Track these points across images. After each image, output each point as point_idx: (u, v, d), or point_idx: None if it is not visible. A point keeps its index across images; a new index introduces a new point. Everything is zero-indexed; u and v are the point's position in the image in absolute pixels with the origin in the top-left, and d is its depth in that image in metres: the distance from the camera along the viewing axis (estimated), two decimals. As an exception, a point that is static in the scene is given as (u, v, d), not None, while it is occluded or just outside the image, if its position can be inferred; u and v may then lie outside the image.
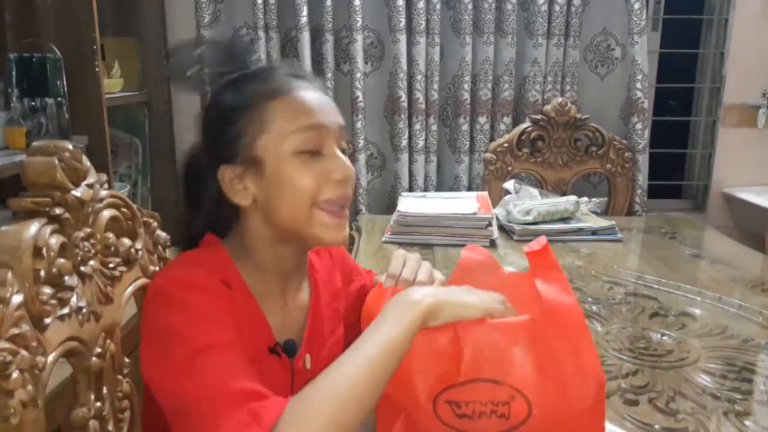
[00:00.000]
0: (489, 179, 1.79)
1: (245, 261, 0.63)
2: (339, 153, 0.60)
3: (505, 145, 1.80)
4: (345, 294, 0.74)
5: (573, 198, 1.53)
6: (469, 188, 1.93)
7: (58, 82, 1.22)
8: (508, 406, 0.51)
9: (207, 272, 0.57)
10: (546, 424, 0.51)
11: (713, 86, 2.05)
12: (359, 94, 1.82)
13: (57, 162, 0.57)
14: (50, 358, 0.56)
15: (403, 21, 1.79)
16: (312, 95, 0.61)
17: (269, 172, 0.59)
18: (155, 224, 0.75)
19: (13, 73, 1.18)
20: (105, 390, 0.63)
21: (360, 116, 1.83)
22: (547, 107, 1.80)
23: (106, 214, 0.65)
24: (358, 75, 1.81)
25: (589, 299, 1.03)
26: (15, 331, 0.51)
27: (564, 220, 1.47)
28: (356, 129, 1.84)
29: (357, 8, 1.76)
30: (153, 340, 0.56)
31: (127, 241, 0.69)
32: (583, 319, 0.54)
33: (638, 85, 1.83)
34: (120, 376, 0.66)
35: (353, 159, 1.85)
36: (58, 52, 1.22)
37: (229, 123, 0.60)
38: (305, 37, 1.77)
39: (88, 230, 0.63)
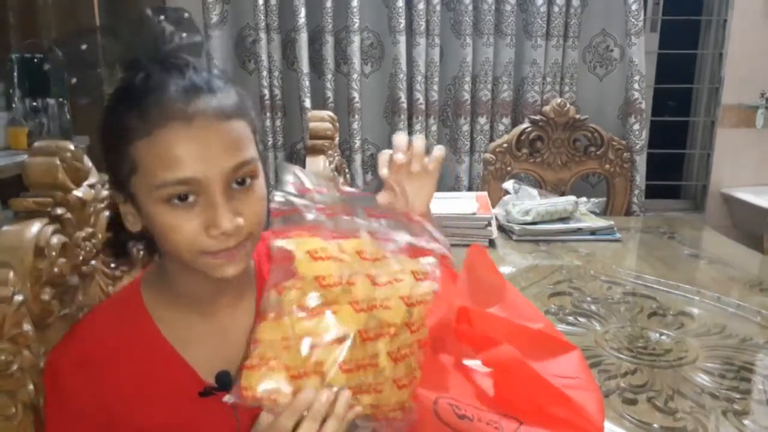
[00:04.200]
0: (488, 179, 1.79)
1: (162, 293, 0.58)
2: (221, 202, 0.50)
3: (505, 145, 1.80)
4: None
5: (572, 198, 1.53)
6: (470, 188, 1.93)
7: (60, 83, 1.23)
8: (499, 424, 0.52)
9: (102, 351, 0.55)
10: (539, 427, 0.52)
11: (712, 87, 2.06)
12: (356, 95, 1.82)
13: (58, 162, 0.58)
14: (52, 357, 0.56)
15: (403, 22, 1.79)
16: (188, 135, 0.49)
17: (144, 214, 0.53)
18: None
19: (15, 73, 1.18)
20: (106, 389, 0.63)
21: (356, 117, 1.84)
22: (546, 108, 1.80)
23: (108, 214, 0.65)
24: (355, 76, 1.81)
25: (588, 299, 1.03)
26: (16, 330, 0.52)
27: (563, 220, 1.47)
28: (353, 129, 1.84)
29: (355, 9, 1.76)
30: None
31: (128, 241, 0.69)
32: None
33: (636, 86, 1.84)
34: (121, 376, 0.66)
35: (350, 160, 1.86)
36: (60, 53, 1.22)
37: (107, 149, 0.54)
38: (303, 38, 1.77)
39: (90, 230, 0.63)
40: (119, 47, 0.54)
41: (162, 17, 0.54)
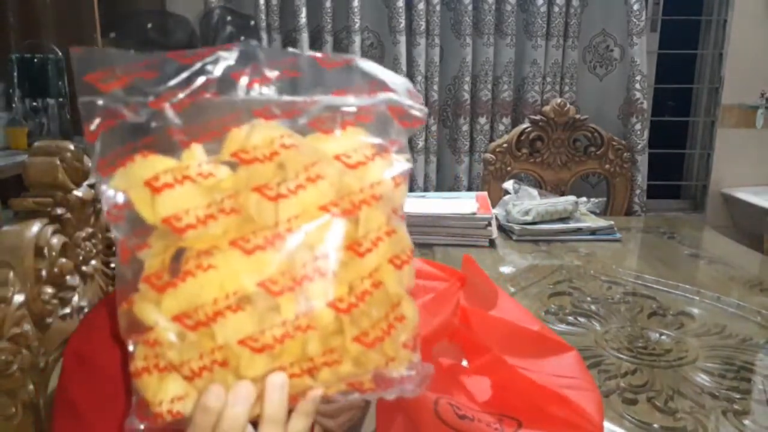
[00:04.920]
0: (488, 179, 1.79)
1: None
2: None
3: (505, 145, 1.80)
4: None
5: (572, 198, 1.53)
6: (469, 188, 1.93)
7: (60, 83, 1.23)
8: (499, 424, 0.52)
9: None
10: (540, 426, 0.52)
11: (712, 87, 2.06)
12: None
13: (58, 162, 0.58)
14: (51, 357, 0.56)
15: (403, 22, 1.79)
16: None
17: None
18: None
19: (15, 73, 1.18)
20: (106, 389, 0.63)
21: (359, 117, 1.84)
22: (546, 108, 1.80)
23: (108, 214, 0.65)
24: (357, 76, 1.81)
25: (588, 299, 1.03)
26: (16, 330, 0.52)
27: (563, 220, 1.47)
28: (356, 129, 1.84)
29: (356, 9, 1.77)
30: None
31: (128, 241, 0.69)
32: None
33: (637, 86, 1.84)
34: (121, 376, 0.66)
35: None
36: (60, 53, 1.22)
37: None
38: (304, 38, 1.77)
39: (90, 230, 0.63)
40: (181, 34, 0.53)
41: (229, 18, 0.54)
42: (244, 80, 0.33)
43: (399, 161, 0.35)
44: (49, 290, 0.55)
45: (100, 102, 0.32)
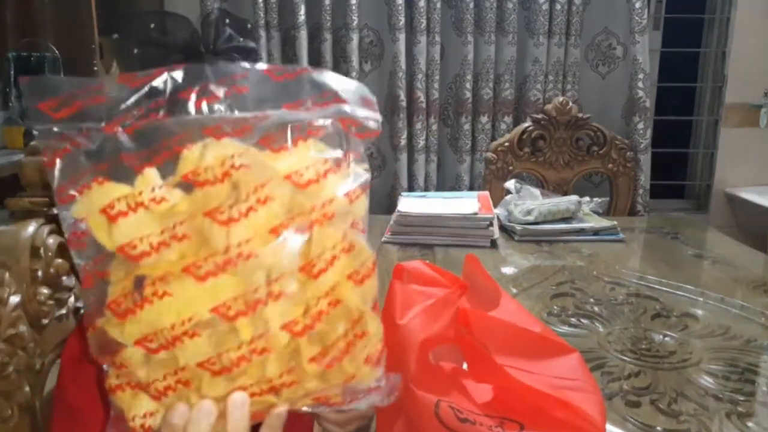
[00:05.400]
0: (490, 179, 1.79)
1: None
2: None
3: (506, 144, 1.80)
4: None
5: (574, 198, 1.52)
6: (471, 188, 1.93)
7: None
8: (501, 427, 0.51)
9: None
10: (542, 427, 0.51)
11: (715, 85, 2.05)
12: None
13: (55, 161, 0.57)
14: (48, 359, 0.56)
15: (403, 20, 1.79)
16: None
17: None
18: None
19: (12, 72, 1.18)
20: (103, 391, 0.62)
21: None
22: (548, 106, 1.79)
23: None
24: (354, 74, 1.81)
25: (591, 300, 1.03)
26: (12, 331, 0.51)
27: (565, 220, 1.46)
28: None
29: (354, 7, 1.76)
30: None
31: (125, 241, 0.69)
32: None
33: (640, 85, 1.83)
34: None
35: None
36: (57, 52, 1.22)
37: None
38: (303, 35, 1.77)
39: (86, 230, 0.62)
40: (183, 34, 0.54)
41: (227, 20, 0.55)
42: (193, 99, 0.34)
43: (356, 172, 0.35)
44: (45, 291, 0.55)
45: (54, 129, 0.33)
